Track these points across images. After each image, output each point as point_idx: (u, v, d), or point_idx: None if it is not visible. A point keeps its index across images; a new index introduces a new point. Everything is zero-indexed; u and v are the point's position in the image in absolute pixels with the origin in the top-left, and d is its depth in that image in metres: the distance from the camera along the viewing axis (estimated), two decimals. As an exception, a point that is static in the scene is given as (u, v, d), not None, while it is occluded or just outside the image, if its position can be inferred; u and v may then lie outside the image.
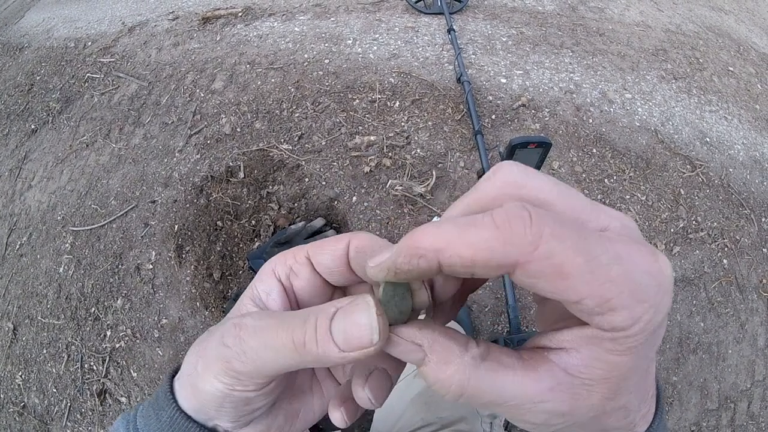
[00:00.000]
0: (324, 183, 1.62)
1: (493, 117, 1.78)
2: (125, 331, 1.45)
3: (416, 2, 2.25)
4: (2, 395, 1.44)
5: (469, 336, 0.23)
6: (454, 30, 2.01)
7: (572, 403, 0.20)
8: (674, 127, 1.86)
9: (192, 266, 1.51)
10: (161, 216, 1.62)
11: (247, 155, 1.70)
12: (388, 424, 0.82)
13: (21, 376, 1.45)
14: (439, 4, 2.19)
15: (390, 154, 1.66)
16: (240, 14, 2.34)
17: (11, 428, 1.38)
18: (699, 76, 2.11)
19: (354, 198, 1.59)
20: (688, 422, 1.36)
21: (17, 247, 1.70)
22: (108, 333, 1.46)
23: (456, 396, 0.20)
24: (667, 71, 2.10)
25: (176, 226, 1.58)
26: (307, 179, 1.64)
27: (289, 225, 1.55)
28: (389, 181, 1.59)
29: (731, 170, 1.78)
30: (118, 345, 1.44)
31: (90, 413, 1.37)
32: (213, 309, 1.45)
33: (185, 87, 1.99)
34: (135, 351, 1.43)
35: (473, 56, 2.01)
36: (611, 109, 1.87)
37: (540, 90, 1.89)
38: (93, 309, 1.50)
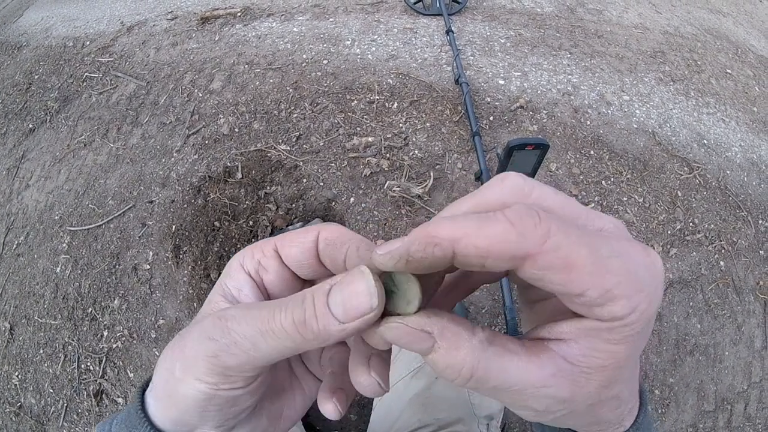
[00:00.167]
0: (322, 184, 1.62)
1: (491, 118, 1.78)
2: (122, 332, 1.45)
3: (415, 3, 2.25)
4: (-2, 395, 1.44)
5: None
6: (453, 31, 2.01)
7: (573, 390, 0.21)
8: (672, 129, 1.87)
9: (189, 267, 1.51)
10: (159, 216, 1.62)
11: (245, 156, 1.70)
12: (386, 426, 0.82)
13: (18, 376, 1.45)
14: (438, 6, 2.20)
15: (388, 155, 1.66)
16: (239, 14, 2.34)
17: (7, 428, 1.38)
18: (697, 79, 2.12)
19: (352, 199, 1.59)
20: (685, 424, 1.36)
21: (14, 247, 1.70)
22: (105, 333, 1.46)
23: (465, 380, 0.21)
24: (665, 73, 2.10)
25: (174, 227, 1.58)
26: (305, 180, 1.64)
27: (287, 226, 1.55)
28: (387, 182, 1.59)
29: (728, 172, 1.79)
30: (115, 345, 1.44)
31: (86, 414, 1.36)
32: (210, 309, 1.44)
33: (183, 87, 1.99)
34: (132, 351, 1.42)
35: (471, 58, 2.02)
36: (609, 111, 1.87)
37: (538, 92, 1.90)
38: (90, 309, 1.50)
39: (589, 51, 2.13)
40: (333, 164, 1.66)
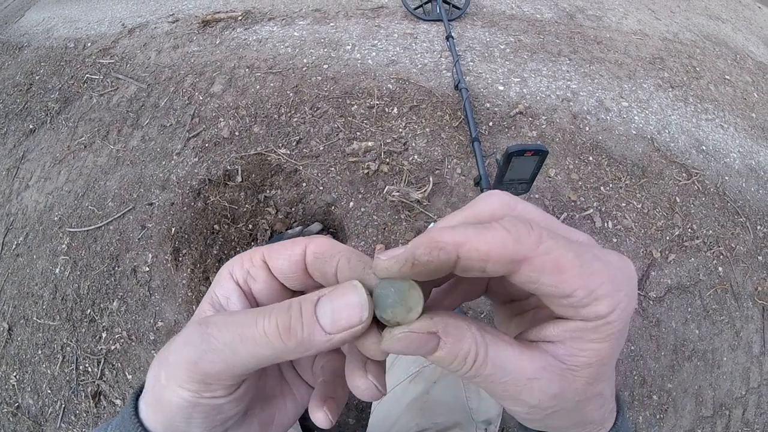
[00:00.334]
0: (321, 188, 1.63)
1: (491, 124, 1.79)
2: (121, 334, 1.45)
3: (415, 9, 2.26)
4: (-4, 397, 1.43)
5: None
6: (453, 37, 2.02)
7: (562, 385, 0.22)
8: (670, 136, 1.87)
9: (188, 269, 1.51)
10: (158, 218, 1.62)
11: (245, 159, 1.71)
12: (384, 429, 0.81)
13: (15, 377, 1.45)
14: (438, 11, 2.21)
15: (387, 160, 1.66)
16: (240, 18, 2.35)
17: (5, 429, 1.38)
18: (696, 85, 2.13)
19: (351, 203, 1.59)
20: (683, 429, 1.36)
21: (13, 247, 1.70)
22: (103, 335, 1.46)
23: (469, 366, 0.22)
24: (664, 79, 2.11)
25: (173, 229, 1.58)
26: (305, 184, 1.64)
27: (286, 229, 1.55)
28: (386, 187, 1.59)
29: (727, 178, 1.79)
30: (114, 347, 1.44)
31: (84, 415, 1.36)
32: (209, 312, 1.44)
33: (184, 90, 1.99)
34: (130, 353, 1.42)
35: (471, 63, 2.03)
36: (608, 117, 1.88)
37: (537, 98, 1.90)
38: (89, 311, 1.50)
39: (588, 57, 2.14)
40: (333, 168, 1.66)
